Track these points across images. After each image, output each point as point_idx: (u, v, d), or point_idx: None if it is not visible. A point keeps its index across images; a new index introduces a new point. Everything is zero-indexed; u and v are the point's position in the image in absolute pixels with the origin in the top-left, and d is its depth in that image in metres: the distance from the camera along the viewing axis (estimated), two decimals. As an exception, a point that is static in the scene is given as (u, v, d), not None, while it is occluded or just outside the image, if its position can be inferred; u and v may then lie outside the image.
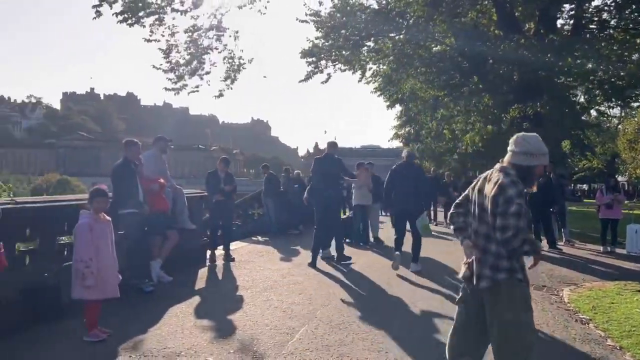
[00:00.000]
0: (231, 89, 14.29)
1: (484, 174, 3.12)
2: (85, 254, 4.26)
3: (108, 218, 4.65)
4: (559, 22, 15.99)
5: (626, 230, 10.59)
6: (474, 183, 3.15)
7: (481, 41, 13.78)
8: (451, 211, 3.28)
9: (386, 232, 13.04)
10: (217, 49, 13.54)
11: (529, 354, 2.91)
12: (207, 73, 13.67)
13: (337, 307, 5.62)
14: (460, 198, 3.29)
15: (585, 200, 45.15)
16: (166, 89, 13.55)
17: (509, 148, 3.09)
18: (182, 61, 13.37)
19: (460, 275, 3.13)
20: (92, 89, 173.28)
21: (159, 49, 13.13)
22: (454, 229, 3.24)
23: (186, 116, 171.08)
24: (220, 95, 14.37)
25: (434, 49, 16.01)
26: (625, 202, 13.12)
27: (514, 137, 3.13)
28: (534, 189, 3.08)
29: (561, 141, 15.61)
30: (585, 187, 63.46)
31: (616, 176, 19.14)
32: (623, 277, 7.59)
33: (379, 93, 19.61)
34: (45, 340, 4.38)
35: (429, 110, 18.36)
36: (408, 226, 7.97)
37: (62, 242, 5.73)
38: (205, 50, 13.47)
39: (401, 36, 15.45)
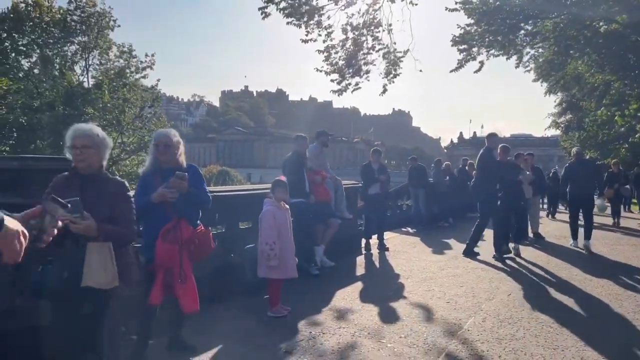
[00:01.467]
0: (393, 82, 14.39)
1: None
2: (270, 237, 4.75)
3: (287, 206, 5.11)
4: None
5: None
6: None
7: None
8: None
9: (545, 227, 12.29)
10: (375, 47, 13.75)
11: None
12: (367, 72, 13.98)
13: (502, 301, 5.50)
14: None
15: None
16: (333, 91, 14.18)
17: None
18: (341, 62, 13.82)
19: None
20: (246, 87, 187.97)
21: (318, 50, 13.73)
22: None
23: (330, 109, 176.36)
24: (385, 91, 14.49)
25: (602, 28, 14.52)
26: None
27: None
28: None
29: None
30: None
31: None
32: None
33: (540, 80, 18.31)
34: (233, 315, 4.94)
35: (596, 96, 16.68)
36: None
37: (242, 227, 6.42)
38: (365, 48, 13.74)
39: (563, 16, 14.26)
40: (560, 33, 14.20)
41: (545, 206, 15.91)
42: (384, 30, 13.70)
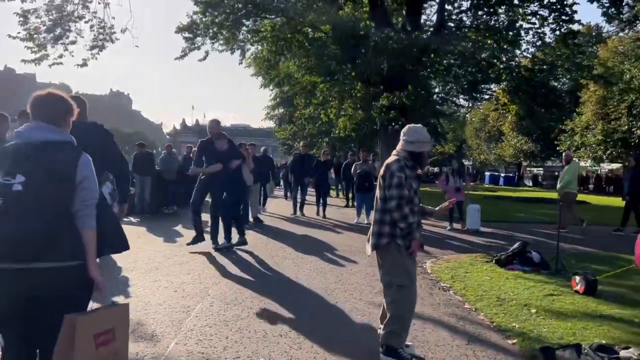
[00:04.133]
0: (96, 58, 13.40)
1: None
2: None
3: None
4: (423, 17, 17.43)
5: (466, 209, 11.77)
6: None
7: (355, 31, 14.50)
8: None
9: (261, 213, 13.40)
10: (85, 17, 12.52)
11: (399, 310, 3.58)
12: (73, 43, 12.61)
13: (228, 285, 5.81)
14: None
15: (436, 182, 49.64)
16: (25, 60, 12.24)
17: (401, 137, 3.68)
18: (42, 27, 12.14)
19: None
20: None
21: (15, 13, 11.79)
22: None
23: (33, 84, 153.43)
24: (84, 64, 13.33)
25: (311, 34, 16.47)
26: (472, 183, 14.93)
27: (405, 128, 3.74)
28: (423, 170, 3.84)
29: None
30: (436, 169, 69.77)
31: (462, 160, 21.50)
32: (473, 250, 8.79)
33: (259, 76, 19.61)
34: None
35: (305, 94, 18.86)
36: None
37: None
38: (71, 17, 12.37)
39: (279, 18, 15.62)
40: (276, 34, 15.51)
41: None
42: (99, 3, 12.72)
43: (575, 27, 15.31)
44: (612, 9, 15.58)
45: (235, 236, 8.24)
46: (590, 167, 45.23)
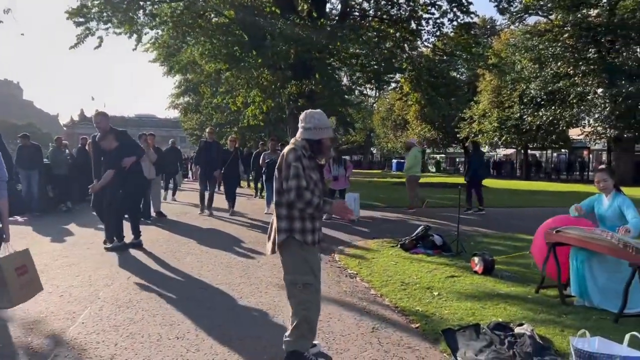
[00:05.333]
0: None
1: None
2: None
3: None
4: (328, 6, 17.43)
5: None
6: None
7: (260, 17, 14.15)
8: None
9: (167, 206, 12.77)
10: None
11: (306, 311, 3.25)
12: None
13: (122, 286, 5.35)
14: None
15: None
16: None
17: (299, 125, 3.37)
18: None
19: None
20: None
21: None
22: None
23: None
24: None
25: (214, 20, 15.84)
26: (379, 170, 15.17)
27: (302, 114, 3.42)
28: (325, 159, 3.54)
29: (329, 117, 17.24)
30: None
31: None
32: (380, 236, 8.90)
33: (159, 63, 18.54)
34: None
35: (211, 82, 18.16)
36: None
37: None
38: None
39: (180, 3, 14.84)
40: (177, 19, 14.72)
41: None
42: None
43: (471, 19, 16.06)
44: (504, 3, 16.56)
45: (129, 235, 7.66)
46: (488, 153, 48.36)
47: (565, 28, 29.45)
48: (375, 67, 16.35)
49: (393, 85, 20.59)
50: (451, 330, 3.96)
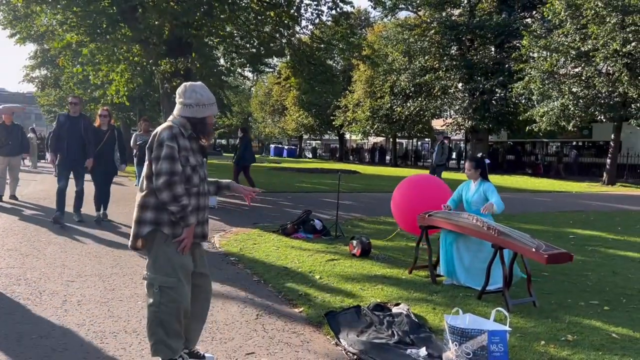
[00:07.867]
0: None
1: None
2: None
3: None
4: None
5: None
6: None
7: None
8: None
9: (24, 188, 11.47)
10: None
11: (161, 314, 2.79)
12: None
13: (-34, 282, 4.65)
14: None
15: (224, 154, 49.90)
16: None
17: (177, 100, 2.92)
18: None
19: None
20: None
21: None
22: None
23: None
24: None
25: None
26: (257, 155, 15.09)
27: (181, 87, 2.95)
28: (209, 141, 3.12)
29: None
30: (224, 142, 69.86)
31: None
32: (261, 220, 8.83)
33: (2, 27, 16.25)
34: None
35: (72, 54, 16.41)
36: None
37: None
38: None
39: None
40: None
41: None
42: None
43: (348, 8, 16.47)
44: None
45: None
46: (359, 140, 50.57)
47: (432, 25, 31.60)
48: (253, 50, 16.09)
49: (270, 69, 20.50)
50: (333, 313, 4.03)
